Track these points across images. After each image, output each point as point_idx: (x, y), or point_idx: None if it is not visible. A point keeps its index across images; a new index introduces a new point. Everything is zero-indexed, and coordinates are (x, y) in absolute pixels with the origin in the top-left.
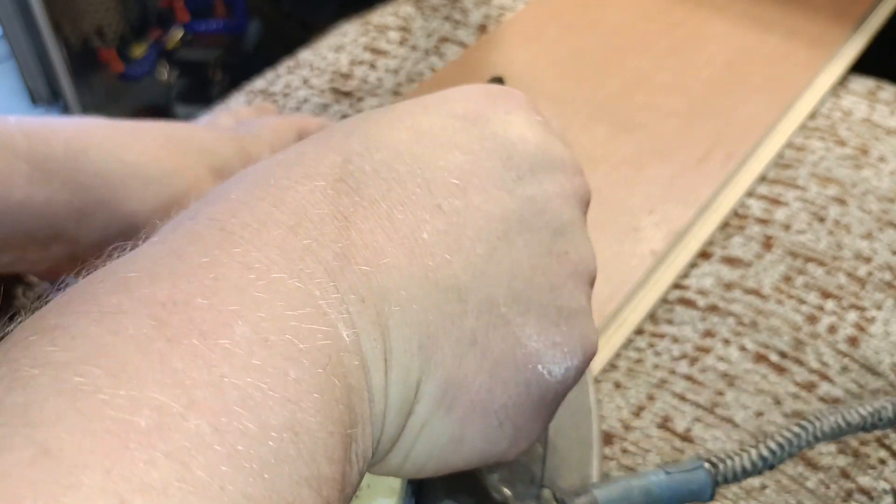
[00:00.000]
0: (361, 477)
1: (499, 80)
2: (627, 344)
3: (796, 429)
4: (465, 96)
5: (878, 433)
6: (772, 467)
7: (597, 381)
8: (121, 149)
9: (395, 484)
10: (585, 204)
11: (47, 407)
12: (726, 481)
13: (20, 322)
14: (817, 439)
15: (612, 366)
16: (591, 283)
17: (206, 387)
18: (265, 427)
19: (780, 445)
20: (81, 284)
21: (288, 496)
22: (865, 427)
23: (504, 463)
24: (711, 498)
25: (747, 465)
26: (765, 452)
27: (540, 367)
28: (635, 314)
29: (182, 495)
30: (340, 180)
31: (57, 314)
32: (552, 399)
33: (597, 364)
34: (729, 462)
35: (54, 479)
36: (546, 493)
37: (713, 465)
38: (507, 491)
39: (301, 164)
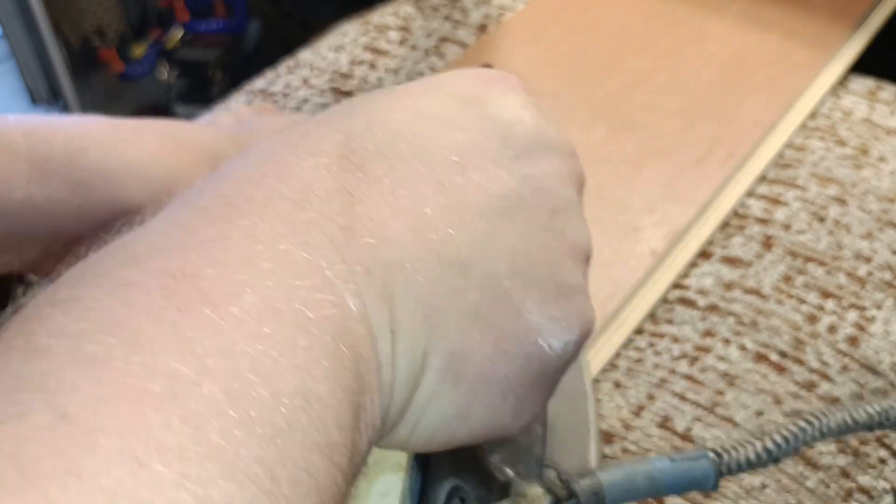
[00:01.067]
0: (370, 446)
1: (488, 67)
2: (627, 343)
3: (802, 423)
4: (462, 79)
5: (878, 433)
6: (776, 461)
7: (596, 380)
8: (121, 147)
9: (402, 460)
10: (580, 185)
11: (64, 375)
12: (730, 472)
13: (32, 297)
14: (823, 435)
15: (612, 365)
16: (587, 261)
17: (218, 354)
18: (277, 394)
19: (786, 439)
20: (92, 259)
21: (300, 461)
22: (872, 426)
23: (506, 444)
24: (715, 488)
25: (752, 456)
26: (769, 445)
27: (540, 340)
28: (635, 314)
29: (198, 458)
30: (344, 157)
31: (70, 287)
32: (552, 373)
33: (597, 364)
34: (733, 453)
35: (73, 441)
36: (550, 473)
37: (718, 454)
38: (509, 471)
39: (305, 143)
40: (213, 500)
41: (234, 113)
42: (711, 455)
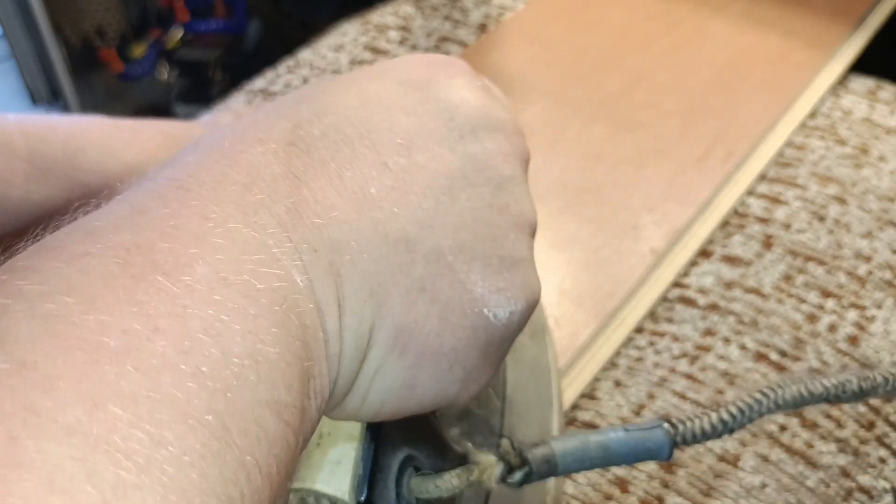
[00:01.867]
0: (320, 414)
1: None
2: (627, 342)
3: (758, 395)
4: (409, 64)
5: (878, 432)
6: (731, 431)
7: (597, 379)
8: (119, 148)
9: (355, 430)
10: (525, 162)
11: (22, 330)
12: (685, 442)
13: None
14: (778, 407)
15: (612, 364)
16: (532, 234)
17: (170, 316)
18: (227, 354)
19: (741, 410)
20: (49, 237)
21: (249, 415)
22: (829, 398)
23: (464, 417)
24: (668, 458)
25: (706, 427)
26: (724, 416)
27: (486, 310)
28: (635, 312)
29: (152, 404)
30: (291, 144)
31: (26, 258)
32: (499, 342)
33: (597, 362)
34: (688, 423)
35: (32, 384)
36: (504, 442)
37: (672, 425)
38: (468, 444)
39: (253, 130)
40: (167, 440)
41: (234, 112)
42: (666, 425)
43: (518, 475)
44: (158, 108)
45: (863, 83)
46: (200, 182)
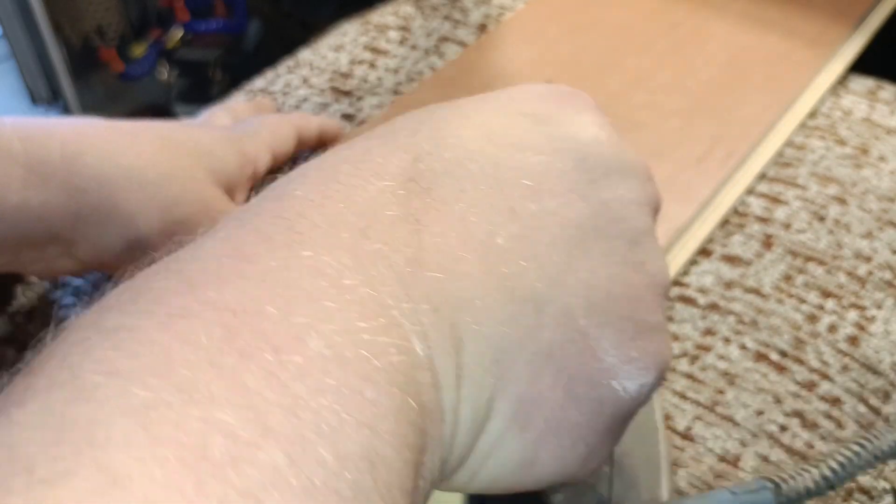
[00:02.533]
0: (426, 501)
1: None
2: None
3: (855, 447)
4: (533, 95)
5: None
6: (832, 488)
7: None
8: (117, 152)
9: (456, 497)
10: (657, 212)
11: (115, 427)
12: (790, 502)
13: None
14: (877, 459)
15: None
16: (667, 295)
17: (281, 411)
18: (341, 457)
19: (842, 465)
20: (141, 279)
21: None
22: None
23: (569, 483)
24: None
25: (810, 484)
26: (826, 472)
27: (615, 383)
28: None
29: None
30: (411, 180)
31: (119, 313)
32: (624, 416)
33: None
34: (791, 482)
35: None
36: None
37: (776, 485)
38: None
39: (368, 162)
40: None
41: (231, 110)
42: (769, 485)
43: None
44: (158, 108)
45: (863, 83)
46: (313, 224)
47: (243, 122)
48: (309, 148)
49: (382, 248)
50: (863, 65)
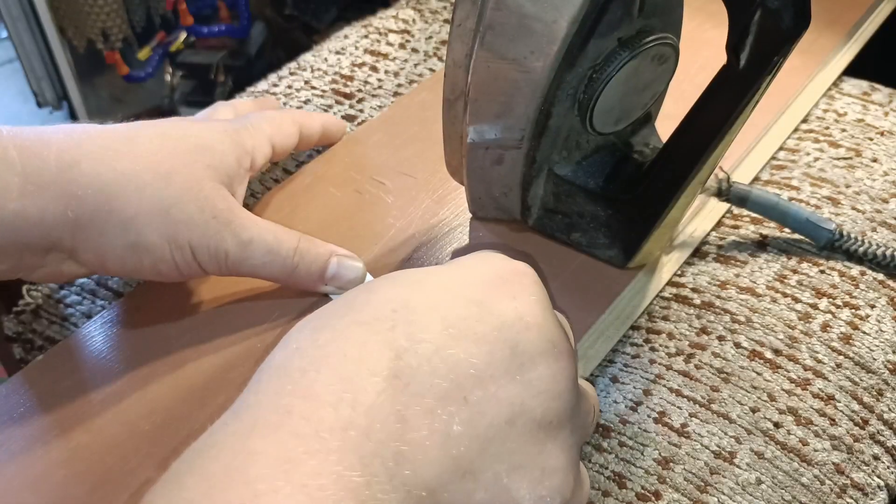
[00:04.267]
0: None
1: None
2: (624, 339)
3: None
4: (481, 280)
5: (871, 429)
6: (878, 265)
7: (594, 375)
8: (113, 157)
9: None
10: (574, 381)
11: None
12: (837, 248)
13: None
14: None
15: (609, 361)
16: (582, 442)
17: None
18: None
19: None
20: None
21: None
22: None
23: None
24: (819, 251)
25: (859, 248)
26: (878, 251)
27: None
28: (629, 308)
29: None
30: (395, 377)
31: None
32: None
33: (595, 358)
34: (850, 239)
35: None
36: (721, 174)
37: (841, 234)
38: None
39: (360, 356)
40: None
41: (233, 106)
42: (834, 227)
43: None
44: (163, 111)
45: (856, 85)
46: (320, 437)
47: (244, 116)
48: (312, 145)
49: (378, 447)
50: (855, 73)
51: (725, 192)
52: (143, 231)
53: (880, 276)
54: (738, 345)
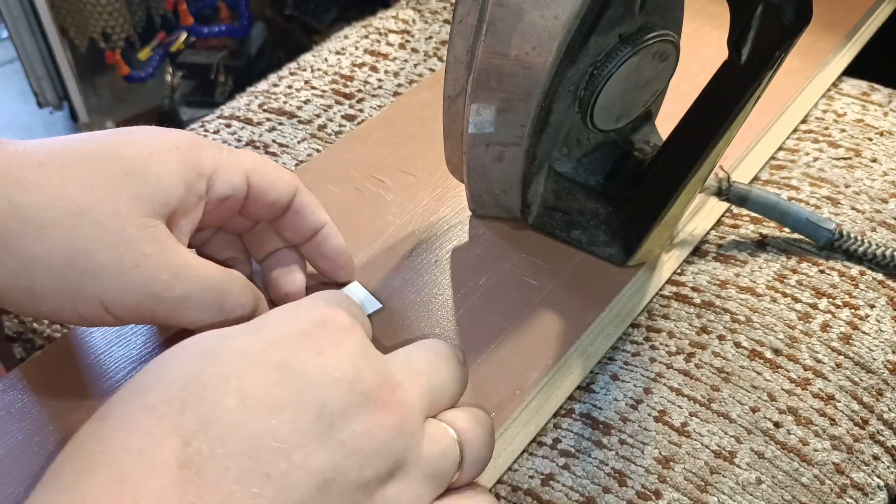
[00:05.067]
0: None
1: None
2: (624, 337)
3: None
4: (288, 337)
5: (871, 429)
6: (878, 265)
7: (594, 373)
8: (15, 187)
9: None
10: (392, 432)
11: None
12: (836, 248)
13: None
14: None
15: (609, 359)
16: (443, 476)
17: None
18: None
19: (891, 255)
20: None
21: None
22: None
23: None
24: (819, 251)
25: (858, 248)
26: (877, 251)
27: None
28: (629, 306)
29: None
30: (184, 466)
31: None
32: None
33: (595, 355)
34: (849, 239)
35: None
36: (722, 173)
37: (840, 233)
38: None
39: (145, 453)
40: None
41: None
42: (834, 227)
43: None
44: (163, 111)
45: (856, 85)
46: None
47: (222, 144)
48: (264, 217)
49: None
50: (854, 74)
51: (725, 192)
52: (39, 278)
53: (880, 276)
54: (738, 344)
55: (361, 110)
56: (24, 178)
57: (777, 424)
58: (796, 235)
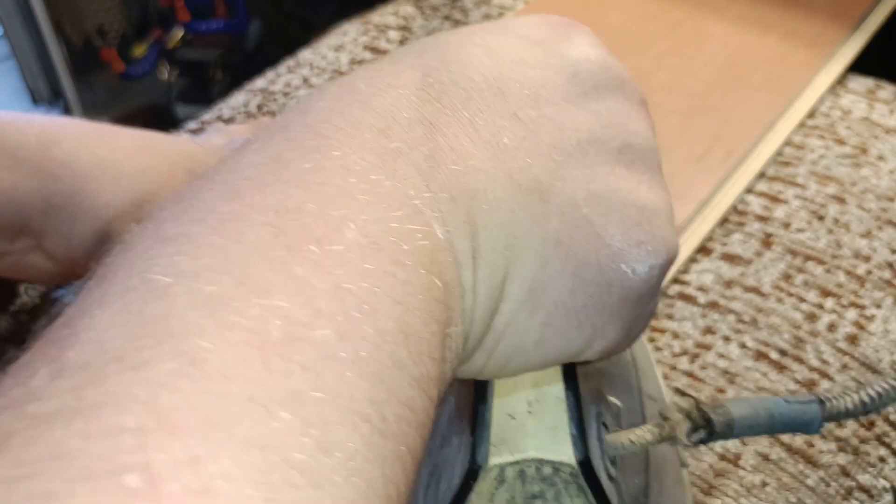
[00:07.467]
0: (453, 375)
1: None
2: None
3: (893, 381)
4: (530, 23)
5: (877, 431)
6: (869, 412)
7: None
8: (94, 143)
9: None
10: (647, 121)
11: (187, 318)
12: (833, 418)
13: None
14: None
15: None
16: (665, 187)
17: (328, 294)
18: (381, 331)
19: (879, 394)
20: (188, 193)
21: (403, 398)
22: None
23: (602, 377)
24: (817, 431)
25: (850, 406)
26: (865, 398)
27: (623, 265)
28: None
29: (317, 405)
30: (422, 89)
31: (174, 222)
32: (634, 299)
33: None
34: (835, 401)
35: (205, 389)
36: (689, 402)
37: (822, 402)
38: (664, 401)
39: (381, 77)
40: (333, 445)
41: (227, 132)
42: (817, 401)
43: (701, 434)
44: (159, 108)
45: (862, 83)
46: (337, 128)
47: (235, 141)
48: None
49: (401, 146)
50: (861, 65)
51: (703, 423)
52: (113, 223)
53: (886, 276)
54: (743, 345)
55: None
56: (101, 137)
57: None
58: (802, 235)
